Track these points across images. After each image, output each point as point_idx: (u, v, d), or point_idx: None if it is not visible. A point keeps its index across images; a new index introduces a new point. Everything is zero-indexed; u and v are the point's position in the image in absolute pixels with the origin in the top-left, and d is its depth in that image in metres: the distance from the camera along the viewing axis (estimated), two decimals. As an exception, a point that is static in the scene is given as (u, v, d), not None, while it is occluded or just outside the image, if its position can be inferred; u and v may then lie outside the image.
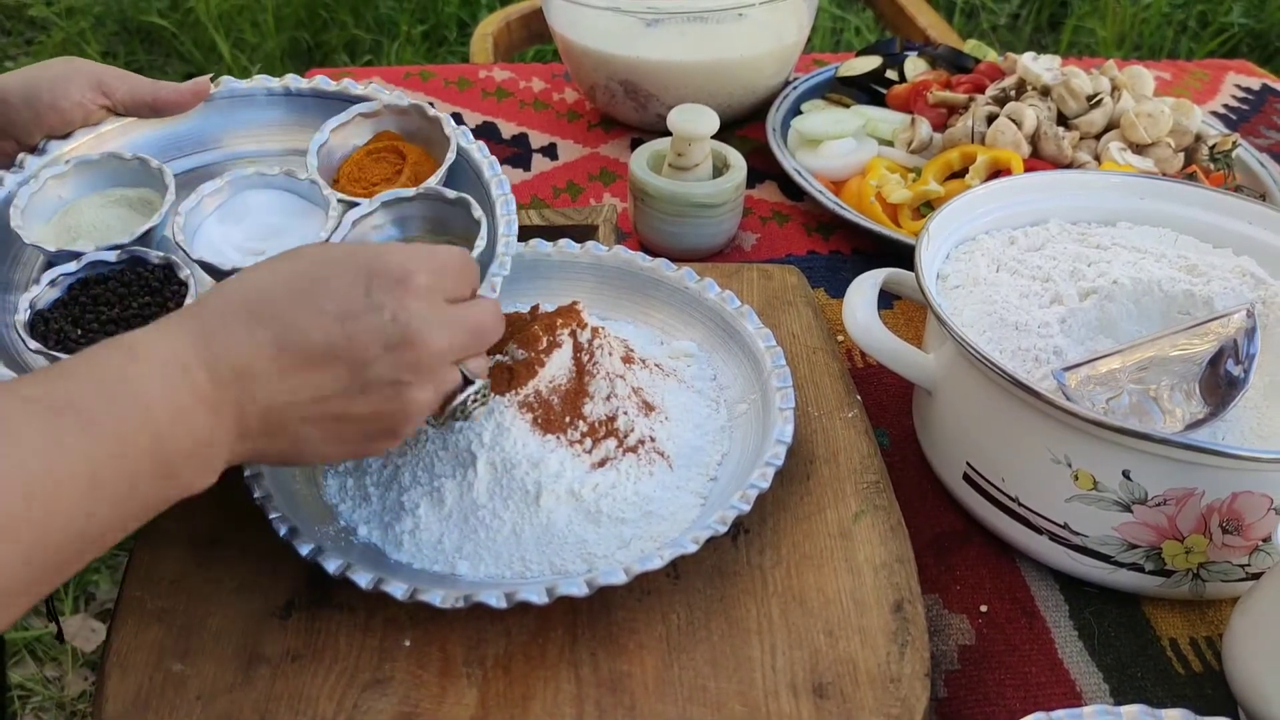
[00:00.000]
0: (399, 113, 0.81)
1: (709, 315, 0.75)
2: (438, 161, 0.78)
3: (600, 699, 0.55)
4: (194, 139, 0.82)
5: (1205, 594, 0.64)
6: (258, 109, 0.83)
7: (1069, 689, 0.62)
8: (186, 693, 0.55)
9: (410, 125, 0.81)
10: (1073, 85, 0.99)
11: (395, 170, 0.78)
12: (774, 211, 1.04)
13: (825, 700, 0.55)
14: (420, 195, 0.74)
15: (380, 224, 0.74)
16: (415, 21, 2.73)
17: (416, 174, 0.76)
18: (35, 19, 2.83)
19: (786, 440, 0.65)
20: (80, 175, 0.76)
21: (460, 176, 0.77)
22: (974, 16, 2.94)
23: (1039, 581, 0.68)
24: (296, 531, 0.59)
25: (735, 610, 0.60)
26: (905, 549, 0.63)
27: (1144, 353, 0.64)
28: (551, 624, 0.59)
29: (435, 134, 0.78)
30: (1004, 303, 0.70)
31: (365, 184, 0.77)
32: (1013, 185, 0.80)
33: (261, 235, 0.74)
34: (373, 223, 0.74)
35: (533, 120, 1.17)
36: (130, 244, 0.70)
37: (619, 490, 0.63)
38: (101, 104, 0.76)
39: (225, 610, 0.59)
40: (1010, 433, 0.64)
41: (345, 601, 0.60)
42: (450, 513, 0.62)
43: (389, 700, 0.55)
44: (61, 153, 0.75)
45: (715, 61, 1.08)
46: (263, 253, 0.72)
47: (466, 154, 0.78)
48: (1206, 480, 0.59)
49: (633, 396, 0.66)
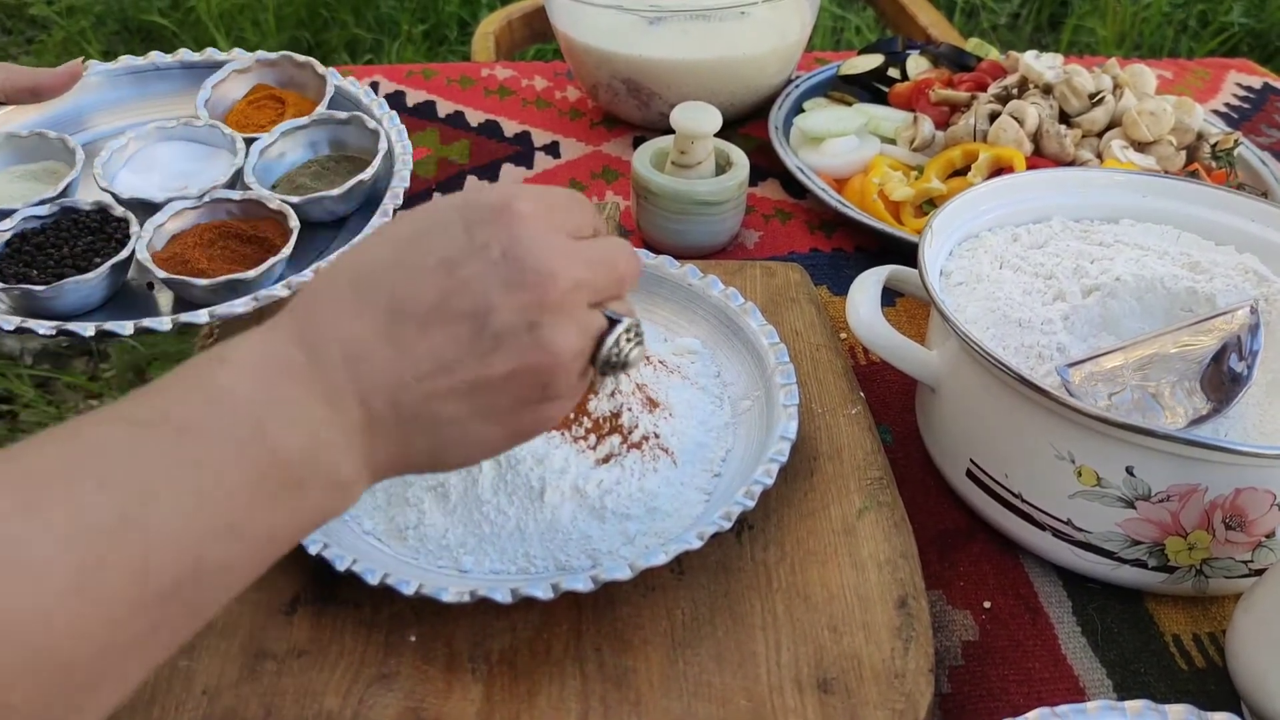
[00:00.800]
0: (270, 64, 0.91)
1: (712, 312, 0.76)
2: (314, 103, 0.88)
3: (605, 694, 0.56)
4: (74, 119, 0.89)
5: (1208, 590, 0.65)
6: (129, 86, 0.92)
7: (1072, 685, 0.62)
8: (193, 688, 0.55)
9: (283, 76, 0.91)
10: (1075, 83, 0.99)
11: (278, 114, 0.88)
12: (776, 209, 1.04)
13: (830, 695, 0.55)
14: (315, 121, 0.84)
15: (284, 150, 0.83)
16: (416, 21, 2.73)
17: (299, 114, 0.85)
18: (36, 18, 2.83)
19: (791, 437, 0.65)
20: None
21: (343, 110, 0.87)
22: (974, 16, 2.94)
23: (1042, 577, 0.68)
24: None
25: (740, 606, 0.60)
26: (909, 545, 0.63)
27: (1148, 349, 0.64)
28: (556, 619, 0.59)
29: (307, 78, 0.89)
30: (1007, 300, 0.70)
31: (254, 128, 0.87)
32: (1015, 183, 0.80)
33: (179, 177, 0.83)
34: (277, 150, 0.84)
35: (535, 119, 1.17)
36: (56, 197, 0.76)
37: (623, 486, 0.63)
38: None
39: (231, 606, 0.58)
40: (1014, 429, 0.64)
41: (350, 597, 0.60)
42: (455, 508, 0.62)
43: (395, 695, 0.55)
44: None
45: (718, 60, 1.08)
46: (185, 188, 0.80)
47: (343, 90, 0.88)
48: (1210, 476, 0.59)
49: (637, 393, 0.66)
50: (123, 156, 0.83)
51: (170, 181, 0.82)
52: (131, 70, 0.91)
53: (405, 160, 0.79)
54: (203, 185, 0.80)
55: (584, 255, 0.46)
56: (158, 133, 0.84)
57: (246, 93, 0.90)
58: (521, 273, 0.44)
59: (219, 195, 0.79)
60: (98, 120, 0.90)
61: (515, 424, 0.46)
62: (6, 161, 0.83)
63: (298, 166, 0.86)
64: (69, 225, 0.77)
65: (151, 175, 0.83)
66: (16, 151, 0.83)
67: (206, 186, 0.80)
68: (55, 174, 0.82)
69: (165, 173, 0.83)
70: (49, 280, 0.73)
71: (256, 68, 0.90)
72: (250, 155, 0.82)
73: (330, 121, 0.83)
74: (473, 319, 0.43)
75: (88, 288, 0.73)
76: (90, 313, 0.75)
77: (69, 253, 0.75)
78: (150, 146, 0.84)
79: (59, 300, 0.73)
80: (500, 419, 0.45)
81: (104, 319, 0.73)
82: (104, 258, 0.75)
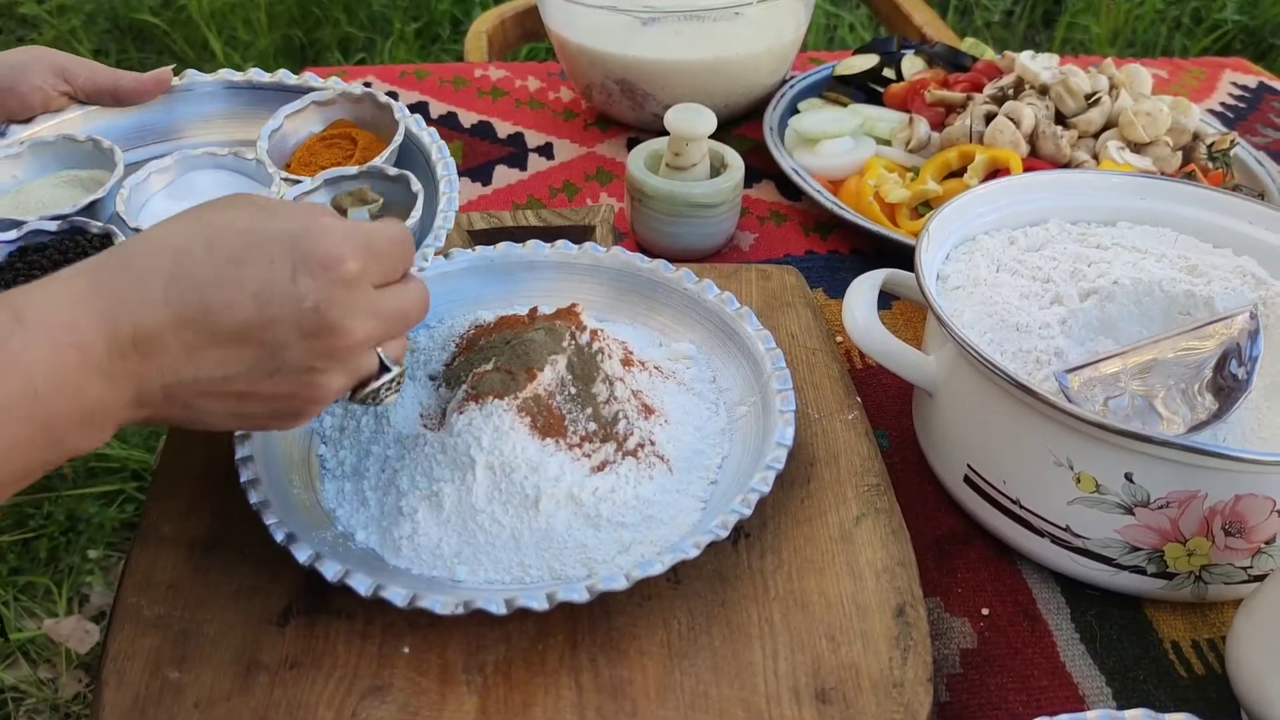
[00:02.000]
0: (353, 100, 0.84)
1: (708, 317, 0.75)
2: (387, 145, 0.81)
3: (601, 705, 0.55)
4: (156, 129, 0.83)
5: (1207, 596, 0.64)
6: (219, 100, 0.85)
7: (1071, 692, 0.62)
8: (184, 701, 0.54)
9: (364, 113, 0.84)
10: (1071, 84, 0.99)
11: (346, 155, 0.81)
12: (772, 211, 1.03)
13: (828, 706, 0.55)
14: (363, 173, 0.77)
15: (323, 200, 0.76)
16: (408, 19, 2.72)
17: (366, 158, 0.80)
18: (26, 17, 2.82)
19: (787, 443, 0.64)
20: (34, 156, 0.77)
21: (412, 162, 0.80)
22: (968, 14, 2.94)
23: (1040, 584, 0.68)
24: (294, 537, 0.58)
25: (737, 615, 0.59)
26: (907, 552, 0.62)
27: (1147, 354, 0.64)
28: (551, 630, 0.58)
29: (387, 120, 0.81)
30: (1004, 303, 0.70)
31: (316, 168, 0.81)
32: (1012, 185, 0.79)
33: None
34: (317, 199, 0.76)
35: (528, 119, 1.16)
36: (73, 214, 0.72)
37: (619, 494, 0.62)
38: (63, 90, 0.77)
39: (223, 617, 0.58)
40: (1012, 435, 0.64)
41: (343, 608, 0.59)
42: (449, 517, 0.61)
43: (388, 708, 0.55)
44: (20, 136, 0.76)
45: (712, 60, 1.07)
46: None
47: (416, 139, 0.80)
48: (1209, 483, 0.58)
49: (632, 399, 0.66)
50: (161, 181, 0.77)
51: None
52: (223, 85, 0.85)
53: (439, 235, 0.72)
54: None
55: (383, 308, 0.52)
56: (204, 159, 0.79)
57: (324, 127, 0.84)
58: (323, 326, 0.49)
59: None
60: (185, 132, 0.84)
61: (257, 424, 0.53)
62: (59, 164, 0.78)
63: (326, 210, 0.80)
64: (70, 246, 0.73)
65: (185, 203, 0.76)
66: (70, 155, 0.78)
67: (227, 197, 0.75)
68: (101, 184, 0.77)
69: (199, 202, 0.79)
70: None
71: (340, 101, 0.83)
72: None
73: (378, 176, 0.78)
74: (265, 349, 0.49)
75: None
76: None
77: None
78: (192, 173, 0.79)
79: None
80: (249, 419, 0.52)
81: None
82: None
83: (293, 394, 0.51)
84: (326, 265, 0.49)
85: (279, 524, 0.59)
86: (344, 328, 0.50)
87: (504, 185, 1.05)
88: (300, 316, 0.49)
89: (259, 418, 0.52)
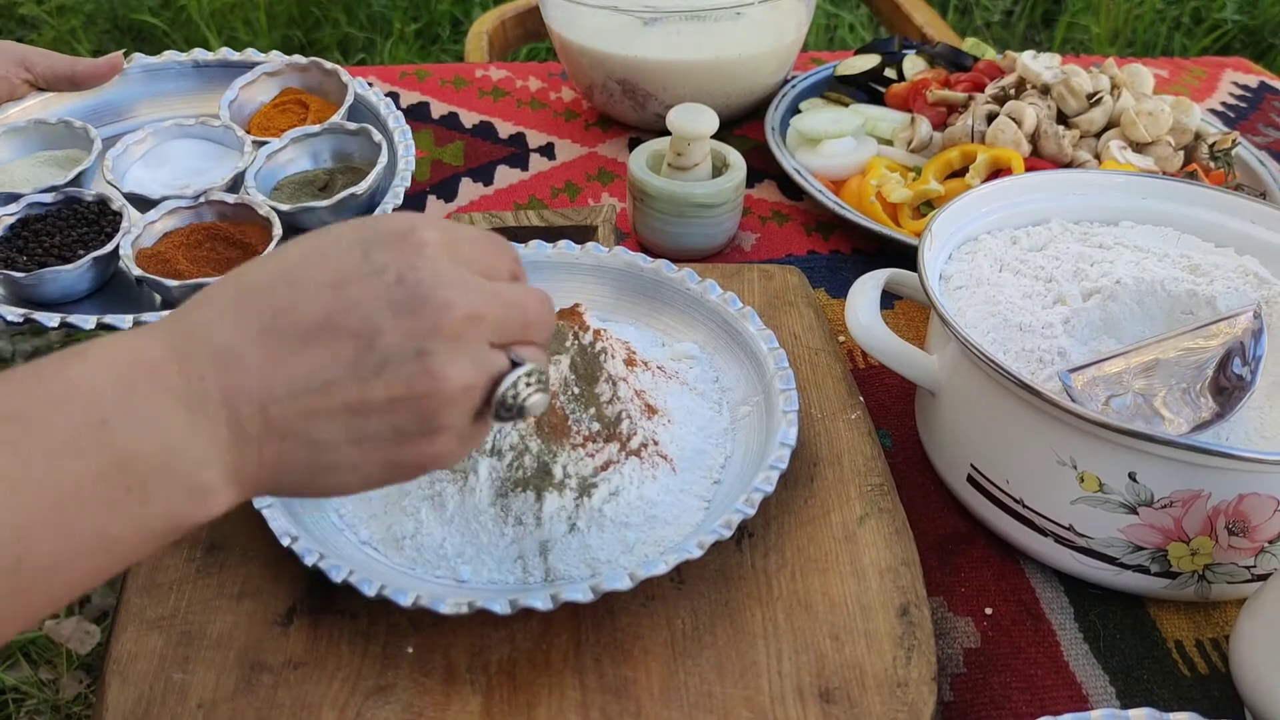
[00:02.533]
0: (300, 69, 0.93)
1: (711, 317, 0.75)
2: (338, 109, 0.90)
3: (605, 705, 0.55)
4: (112, 109, 0.92)
5: (1211, 596, 0.64)
6: (170, 80, 0.95)
7: (1075, 692, 0.62)
8: (188, 701, 0.54)
9: (311, 81, 0.94)
10: (1072, 84, 0.99)
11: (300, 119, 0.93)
12: (774, 211, 1.03)
13: (832, 705, 0.55)
14: (325, 130, 0.86)
15: (292, 157, 0.84)
16: (408, 19, 2.72)
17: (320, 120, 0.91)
18: (26, 17, 2.82)
19: (790, 443, 0.64)
20: (10, 140, 0.85)
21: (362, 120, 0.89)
22: (967, 13, 2.94)
23: (1044, 584, 0.68)
24: (298, 540, 0.58)
25: (740, 615, 0.59)
26: (910, 552, 0.62)
27: (1150, 354, 0.64)
28: (555, 630, 0.58)
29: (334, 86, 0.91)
30: (1007, 303, 0.70)
31: (275, 132, 0.92)
32: (1014, 185, 0.79)
33: (186, 174, 0.85)
34: (285, 156, 0.84)
35: (530, 120, 1.16)
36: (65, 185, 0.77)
37: (622, 494, 0.62)
38: (24, 78, 0.83)
39: (226, 617, 0.58)
40: (1015, 435, 0.64)
41: (347, 608, 0.59)
42: (452, 518, 0.61)
43: (392, 708, 0.55)
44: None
45: (713, 60, 1.07)
46: (187, 187, 0.82)
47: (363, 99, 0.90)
48: (1213, 482, 0.58)
49: (635, 399, 0.66)
50: (139, 150, 0.85)
51: (179, 178, 0.84)
52: (173, 66, 0.94)
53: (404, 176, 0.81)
54: (207, 184, 0.81)
55: (488, 290, 0.44)
56: (174, 129, 0.87)
57: (275, 95, 0.92)
58: (415, 298, 0.42)
59: (215, 197, 0.80)
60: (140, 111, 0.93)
61: (395, 456, 0.43)
62: (34, 147, 0.85)
63: (299, 174, 0.86)
64: (69, 214, 0.80)
65: (161, 171, 0.84)
66: (44, 138, 0.85)
67: (208, 186, 0.80)
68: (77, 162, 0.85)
69: (175, 169, 0.85)
70: (32, 267, 0.74)
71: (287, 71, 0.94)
72: (257, 159, 0.82)
73: (340, 131, 0.85)
74: (357, 339, 0.41)
75: (70, 278, 0.75)
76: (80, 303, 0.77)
77: (60, 242, 0.77)
78: (166, 143, 0.86)
79: (40, 288, 0.74)
80: (379, 450, 0.43)
81: (99, 311, 0.75)
82: (91, 249, 0.76)
83: (412, 394, 0.42)
84: (400, 235, 0.43)
85: (283, 527, 0.59)
86: (438, 297, 0.42)
87: (505, 185, 1.05)
88: (385, 291, 0.42)
89: (387, 442, 0.43)
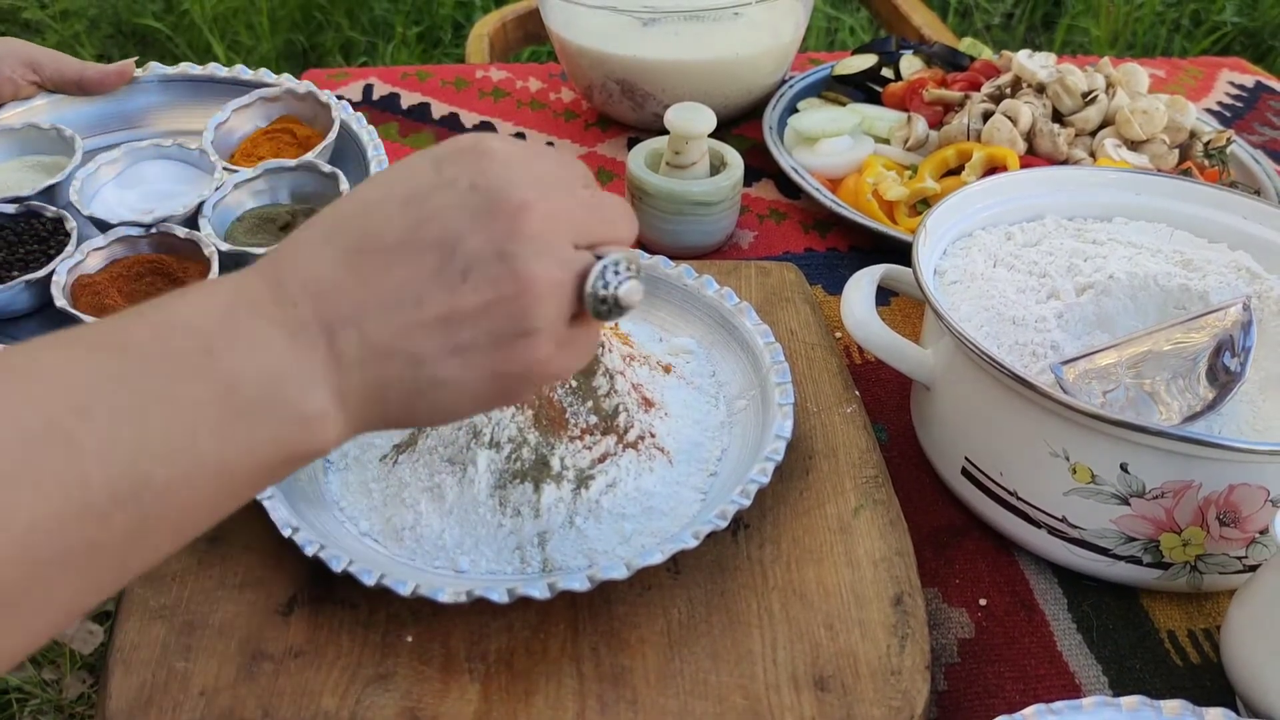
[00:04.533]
0: (297, 98, 0.89)
1: (707, 312, 0.76)
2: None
3: (602, 693, 0.56)
4: (119, 117, 0.89)
5: (1203, 586, 0.65)
6: (179, 93, 0.91)
7: (1068, 681, 0.62)
8: (190, 689, 0.55)
9: (306, 110, 0.89)
10: (1068, 82, 1.00)
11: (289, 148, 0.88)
12: (771, 209, 1.04)
13: (826, 693, 0.55)
14: (300, 166, 0.82)
15: (261, 189, 0.81)
16: (410, 23, 2.73)
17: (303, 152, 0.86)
18: (30, 22, 2.83)
19: (786, 436, 0.65)
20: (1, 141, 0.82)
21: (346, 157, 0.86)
22: (967, 16, 2.94)
23: (1037, 575, 0.68)
24: (299, 531, 0.59)
25: (736, 604, 0.60)
26: (905, 543, 0.63)
27: (1141, 346, 0.64)
28: (553, 619, 0.59)
29: (326, 118, 0.87)
30: (1001, 298, 0.70)
31: (257, 159, 0.85)
32: (1009, 181, 0.80)
33: (155, 198, 0.81)
34: (254, 187, 0.81)
35: (530, 120, 1.17)
36: (30, 198, 0.75)
37: (619, 486, 0.63)
38: (31, 80, 0.82)
39: (228, 607, 0.59)
40: (1008, 427, 0.64)
41: (347, 598, 0.60)
42: (451, 509, 0.62)
43: (392, 696, 0.55)
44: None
45: (712, 60, 1.08)
46: (152, 211, 0.79)
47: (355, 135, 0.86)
48: (1204, 473, 0.59)
49: (633, 393, 0.67)
50: (111, 171, 0.81)
51: (147, 201, 0.80)
52: (186, 78, 0.91)
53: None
54: (169, 211, 0.78)
55: (566, 190, 0.44)
56: (150, 149, 0.83)
57: (271, 122, 0.89)
58: (492, 202, 0.42)
59: (166, 228, 0.76)
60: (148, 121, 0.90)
61: (497, 366, 0.43)
62: (24, 150, 0.83)
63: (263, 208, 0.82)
64: (24, 229, 0.76)
65: (134, 190, 0.81)
66: (34, 142, 0.83)
67: (169, 214, 0.77)
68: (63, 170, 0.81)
69: (147, 190, 0.82)
70: None
71: (285, 98, 0.88)
72: (223, 187, 0.79)
73: (313, 170, 0.81)
74: (439, 249, 0.42)
75: (2, 298, 0.72)
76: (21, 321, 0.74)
77: (6, 258, 0.75)
78: (140, 163, 0.83)
79: None
80: (480, 360, 0.43)
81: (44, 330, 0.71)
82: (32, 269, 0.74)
83: (500, 298, 0.42)
84: (468, 148, 0.44)
85: (284, 519, 0.59)
86: (514, 199, 0.42)
87: (505, 185, 1.06)
88: (460, 199, 0.42)
89: (485, 353, 0.42)
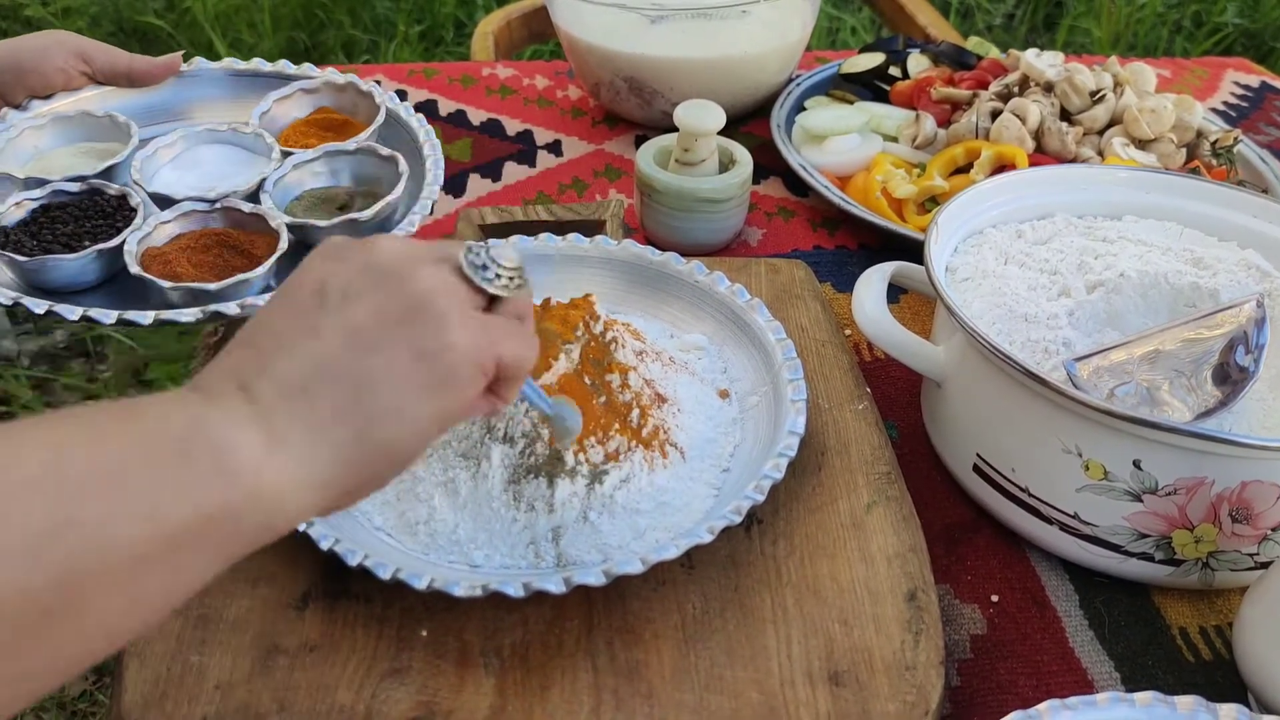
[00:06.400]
0: (337, 89, 0.92)
1: (719, 308, 0.76)
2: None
3: (618, 687, 0.56)
4: (165, 109, 0.92)
5: (1214, 583, 0.65)
6: (223, 86, 0.94)
7: (1080, 677, 0.62)
8: (205, 683, 0.55)
9: (346, 101, 0.92)
10: (1076, 81, 1.00)
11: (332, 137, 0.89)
12: (779, 207, 1.04)
13: (841, 688, 0.56)
14: (358, 150, 0.85)
15: (319, 171, 0.84)
16: (412, 22, 2.73)
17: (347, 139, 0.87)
18: (31, 19, 2.83)
19: (799, 432, 0.65)
20: (56, 128, 0.86)
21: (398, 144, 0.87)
22: (969, 16, 2.95)
23: (1049, 571, 0.68)
24: (313, 525, 0.59)
25: (750, 600, 0.60)
26: (917, 538, 0.63)
27: (1154, 343, 0.64)
28: (568, 614, 0.59)
29: (367, 107, 0.91)
30: (1012, 295, 0.71)
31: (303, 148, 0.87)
32: (1019, 180, 0.80)
33: (213, 179, 0.85)
34: (312, 169, 0.84)
35: (537, 117, 1.17)
36: (93, 177, 0.79)
37: (633, 481, 0.63)
38: (82, 70, 0.85)
39: (242, 602, 0.59)
40: (1020, 423, 0.64)
41: (362, 592, 0.60)
42: (465, 503, 0.62)
43: (407, 689, 0.55)
44: (42, 110, 0.86)
45: (719, 58, 1.08)
46: (213, 189, 0.82)
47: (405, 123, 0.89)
48: (1216, 469, 0.59)
49: (645, 389, 0.67)
50: (168, 154, 0.85)
51: (206, 181, 0.83)
52: (231, 72, 0.94)
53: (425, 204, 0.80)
54: (230, 189, 0.81)
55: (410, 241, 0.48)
56: (205, 134, 0.86)
57: (310, 112, 0.92)
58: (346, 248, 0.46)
59: (231, 204, 0.80)
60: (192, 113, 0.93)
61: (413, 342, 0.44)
62: (78, 137, 0.86)
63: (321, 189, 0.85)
64: (89, 205, 0.80)
65: (193, 173, 0.85)
66: (87, 129, 0.86)
67: (230, 190, 0.80)
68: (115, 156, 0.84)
69: (205, 172, 0.85)
70: (38, 253, 0.75)
71: (324, 89, 0.92)
72: (282, 168, 0.82)
73: (371, 154, 0.85)
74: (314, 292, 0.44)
75: (73, 267, 0.74)
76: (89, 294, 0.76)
77: (75, 230, 0.77)
78: (197, 147, 0.86)
79: (42, 274, 0.74)
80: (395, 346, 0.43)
81: (110, 303, 0.74)
82: (100, 241, 0.76)
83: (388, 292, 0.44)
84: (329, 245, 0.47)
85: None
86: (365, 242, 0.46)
87: (514, 181, 1.06)
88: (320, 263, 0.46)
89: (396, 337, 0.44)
